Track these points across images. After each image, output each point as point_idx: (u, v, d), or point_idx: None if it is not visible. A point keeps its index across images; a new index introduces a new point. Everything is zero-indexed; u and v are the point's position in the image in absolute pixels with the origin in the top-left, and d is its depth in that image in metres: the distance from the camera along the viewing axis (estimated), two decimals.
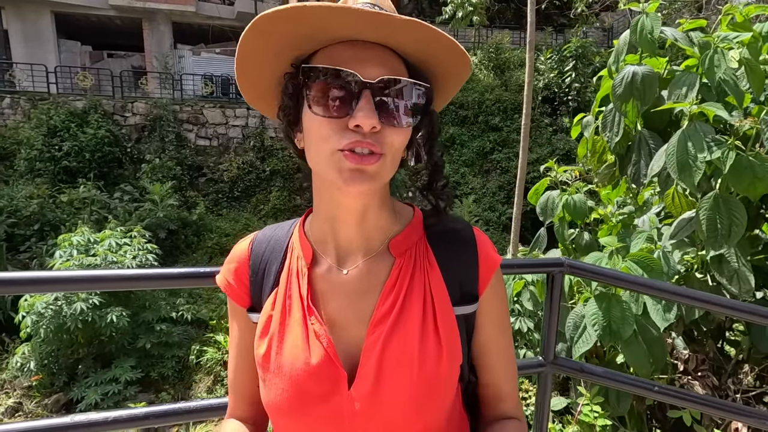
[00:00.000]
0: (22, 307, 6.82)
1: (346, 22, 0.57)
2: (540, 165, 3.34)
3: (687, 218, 2.17)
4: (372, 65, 0.60)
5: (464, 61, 0.63)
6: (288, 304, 0.68)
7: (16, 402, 7.12)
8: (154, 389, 7.57)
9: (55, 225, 9.38)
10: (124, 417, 0.93)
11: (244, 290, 0.73)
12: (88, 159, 11.16)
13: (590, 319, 1.95)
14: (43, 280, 1.06)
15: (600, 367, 1.39)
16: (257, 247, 0.74)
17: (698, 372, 2.06)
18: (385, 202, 0.70)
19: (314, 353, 0.64)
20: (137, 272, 1.23)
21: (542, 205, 2.99)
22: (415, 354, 0.63)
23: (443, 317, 0.66)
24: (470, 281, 0.70)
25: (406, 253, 0.69)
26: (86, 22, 15.41)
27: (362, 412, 0.62)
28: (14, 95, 12.09)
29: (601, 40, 17.45)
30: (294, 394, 0.63)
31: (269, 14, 0.57)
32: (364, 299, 0.67)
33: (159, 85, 14.05)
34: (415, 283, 0.67)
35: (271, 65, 0.65)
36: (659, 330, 1.92)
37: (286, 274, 0.70)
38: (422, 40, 0.60)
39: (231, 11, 15.92)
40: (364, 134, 0.59)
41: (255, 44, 0.62)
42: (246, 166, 12.75)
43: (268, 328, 0.68)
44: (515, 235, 6.44)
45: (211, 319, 8.56)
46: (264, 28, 0.59)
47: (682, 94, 2.17)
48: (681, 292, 1.35)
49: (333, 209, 0.67)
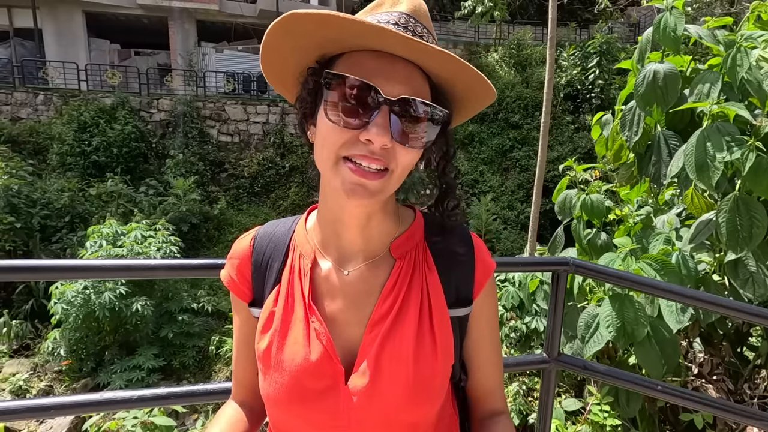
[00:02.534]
0: (54, 295, 7.16)
1: (379, 39, 0.57)
2: (561, 163, 3.31)
3: (705, 221, 2.13)
4: (395, 82, 0.59)
5: (489, 93, 0.64)
6: (290, 302, 0.70)
7: (47, 385, 7.48)
8: (175, 377, 7.82)
9: (84, 217, 9.76)
10: (147, 396, 1.00)
11: (246, 285, 0.75)
12: (116, 154, 11.55)
13: (603, 320, 1.94)
14: (74, 267, 1.14)
15: (603, 365, 1.39)
16: (259, 244, 0.75)
17: (713, 376, 2.03)
18: (389, 208, 0.71)
19: (314, 350, 0.66)
20: (160, 262, 1.30)
21: (560, 204, 2.97)
22: (410, 353, 0.65)
23: (439, 319, 0.68)
24: (466, 285, 0.73)
25: (406, 255, 0.71)
26: (115, 20, 15.89)
27: (358, 406, 0.64)
28: (47, 92, 12.59)
29: (627, 36, 16.98)
30: (293, 388, 0.65)
31: (300, 15, 0.56)
32: (364, 300, 0.69)
33: (183, 82, 14.39)
34: (413, 285, 0.69)
35: (296, 59, 0.65)
36: (672, 332, 1.90)
37: (288, 272, 0.71)
38: (451, 70, 0.61)
39: (253, 9, 16.15)
40: (373, 150, 0.59)
41: (281, 40, 0.62)
42: (266, 162, 12.97)
43: (269, 324, 0.70)
44: (533, 234, 6.37)
45: (230, 311, 8.77)
46: (291, 28, 0.59)
47: (704, 93, 2.12)
48: (688, 294, 1.34)
49: (337, 211, 0.68)
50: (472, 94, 0.66)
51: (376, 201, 0.62)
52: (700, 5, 11.05)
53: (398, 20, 0.62)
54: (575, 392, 3.53)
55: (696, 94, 2.16)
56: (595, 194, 2.81)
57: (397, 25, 0.61)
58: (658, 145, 2.37)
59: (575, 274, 1.60)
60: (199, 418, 6.52)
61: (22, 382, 7.24)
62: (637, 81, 2.32)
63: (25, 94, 12.38)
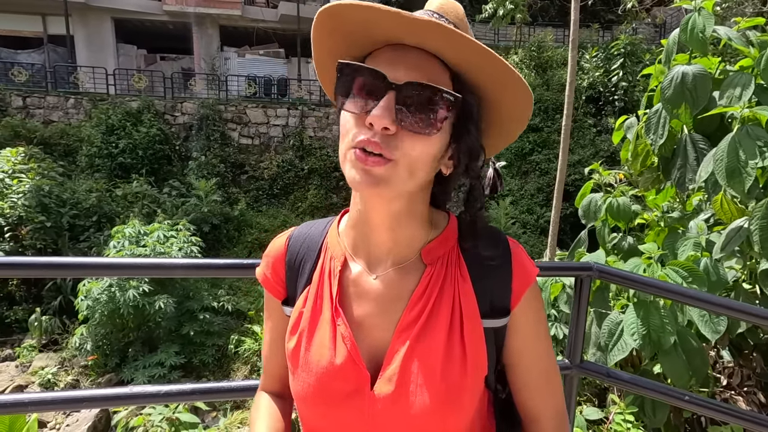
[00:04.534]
0: (81, 292, 7.40)
1: (383, 21, 0.57)
2: (582, 167, 3.27)
3: (737, 228, 2.06)
4: (403, 68, 0.59)
5: (520, 87, 0.61)
6: (319, 303, 0.70)
7: (74, 379, 7.72)
8: (195, 375, 7.97)
9: (111, 217, 10.06)
10: (174, 391, 1.03)
11: (279, 284, 0.76)
12: (141, 156, 11.89)
13: (628, 327, 1.90)
14: (106, 265, 1.19)
15: (627, 373, 1.36)
16: (293, 244, 0.76)
17: (743, 387, 1.96)
18: (416, 211, 0.68)
19: (339, 354, 0.66)
20: (186, 261, 1.34)
21: (584, 207, 2.92)
22: (438, 362, 0.64)
23: (470, 329, 0.66)
24: (502, 294, 0.68)
25: (437, 261, 0.68)
26: (142, 27, 16.41)
27: (383, 411, 0.63)
28: (78, 96, 13.07)
29: (652, 37, 16.57)
30: (319, 389, 0.66)
31: (331, 8, 0.58)
32: (393, 305, 0.67)
33: (206, 86, 14.73)
34: (444, 292, 0.67)
35: (332, 62, 0.66)
36: (699, 341, 1.85)
37: (318, 273, 0.72)
38: (465, 53, 0.58)
39: (274, 14, 16.42)
40: (375, 133, 0.58)
41: (321, 40, 0.65)
42: (285, 164, 13.14)
43: (298, 324, 0.70)
44: (553, 239, 6.27)
45: (249, 311, 8.91)
46: (316, 34, 0.63)
47: (735, 96, 2.06)
48: (718, 302, 1.30)
49: (364, 212, 0.68)
50: (501, 88, 0.62)
51: (383, 192, 0.60)
52: (730, 4, 10.70)
53: (419, 13, 0.62)
54: (597, 401, 3.45)
55: (727, 97, 2.09)
56: (621, 197, 2.75)
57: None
58: (684, 149, 2.30)
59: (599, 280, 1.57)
60: (217, 416, 6.64)
61: (50, 375, 7.50)
62: (664, 83, 2.27)
63: (57, 98, 12.87)
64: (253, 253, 11.12)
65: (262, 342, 7.91)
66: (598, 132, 13.62)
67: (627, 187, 2.97)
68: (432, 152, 0.61)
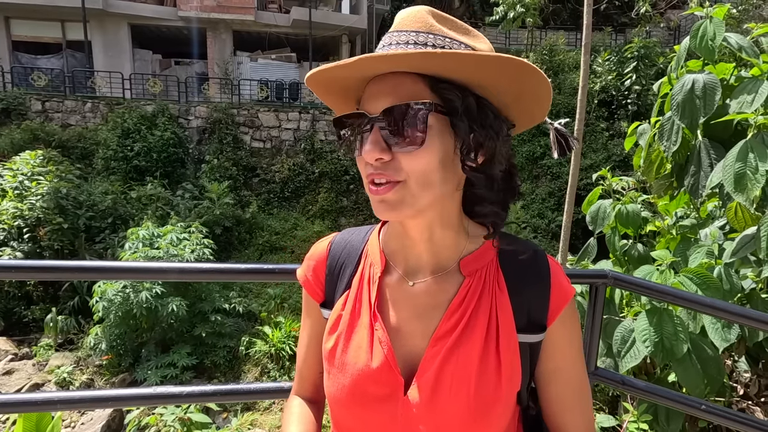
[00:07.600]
0: (96, 293, 7.55)
1: (358, 70, 0.61)
2: (594, 171, 3.25)
3: (749, 234, 2.05)
4: (379, 97, 0.62)
5: (499, 62, 0.60)
6: (357, 307, 0.72)
7: (89, 378, 7.86)
8: (207, 376, 8.06)
9: (126, 219, 10.24)
10: (196, 392, 1.06)
11: (319, 287, 0.78)
12: (155, 159, 12.09)
13: (640, 334, 1.89)
14: (124, 269, 1.21)
15: (642, 381, 1.36)
16: (335, 249, 0.78)
17: (761, 397, 1.93)
18: (449, 221, 0.69)
19: (375, 357, 0.67)
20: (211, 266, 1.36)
21: (593, 213, 2.91)
22: (473, 373, 0.64)
23: (506, 342, 0.66)
24: (539, 310, 0.69)
25: (476, 273, 0.69)
26: (157, 32, 16.70)
27: (416, 418, 0.64)
28: (95, 100, 13.35)
29: (667, 40, 16.40)
30: (353, 391, 0.67)
31: (307, 79, 0.66)
32: (430, 313, 0.68)
33: (219, 90, 14.93)
34: (482, 304, 0.67)
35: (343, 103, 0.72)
36: (716, 350, 1.83)
37: (358, 279, 0.74)
38: (438, 62, 0.58)
39: (287, 19, 16.60)
40: (376, 167, 0.62)
41: (325, 99, 0.70)
42: (296, 167, 13.25)
43: (336, 326, 0.73)
44: (564, 244, 6.22)
45: (260, 312, 8.99)
46: (314, 88, 0.68)
47: (748, 102, 2.05)
48: (734, 310, 1.30)
49: (401, 226, 0.71)
50: (487, 74, 0.61)
51: (404, 213, 0.63)
52: (747, 7, 10.55)
53: (383, 43, 0.65)
54: (609, 408, 3.42)
55: (738, 103, 2.08)
56: (631, 204, 2.74)
57: (383, 47, 0.64)
58: (698, 156, 2.29)
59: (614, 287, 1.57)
60: (228, 416, 6.70)
61: (66, 374, 7.64)
62: (674, 90, 2.26)
63: (75, 102, 13.16)
64: (263, 255, 11.22)
65: (272, 344, 7.91)
66: (611, 136, 13.49)
67: (637, 193, 2.95)
68: (434, 159, 0.61)
